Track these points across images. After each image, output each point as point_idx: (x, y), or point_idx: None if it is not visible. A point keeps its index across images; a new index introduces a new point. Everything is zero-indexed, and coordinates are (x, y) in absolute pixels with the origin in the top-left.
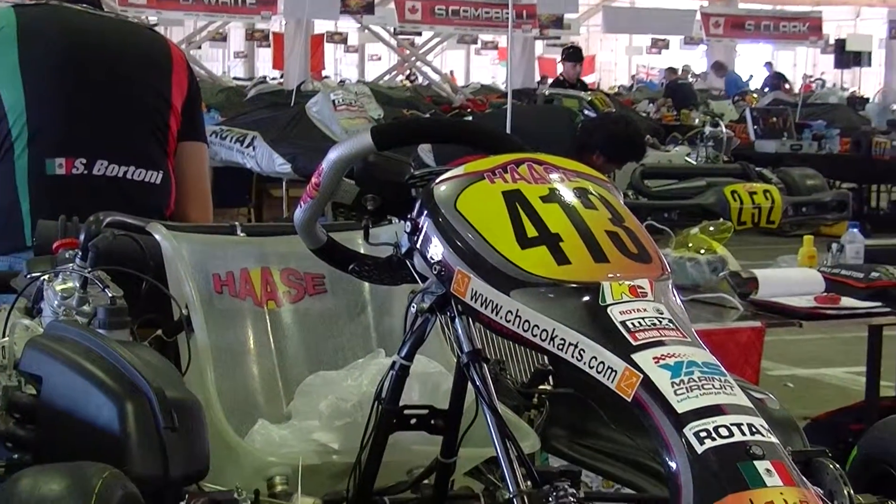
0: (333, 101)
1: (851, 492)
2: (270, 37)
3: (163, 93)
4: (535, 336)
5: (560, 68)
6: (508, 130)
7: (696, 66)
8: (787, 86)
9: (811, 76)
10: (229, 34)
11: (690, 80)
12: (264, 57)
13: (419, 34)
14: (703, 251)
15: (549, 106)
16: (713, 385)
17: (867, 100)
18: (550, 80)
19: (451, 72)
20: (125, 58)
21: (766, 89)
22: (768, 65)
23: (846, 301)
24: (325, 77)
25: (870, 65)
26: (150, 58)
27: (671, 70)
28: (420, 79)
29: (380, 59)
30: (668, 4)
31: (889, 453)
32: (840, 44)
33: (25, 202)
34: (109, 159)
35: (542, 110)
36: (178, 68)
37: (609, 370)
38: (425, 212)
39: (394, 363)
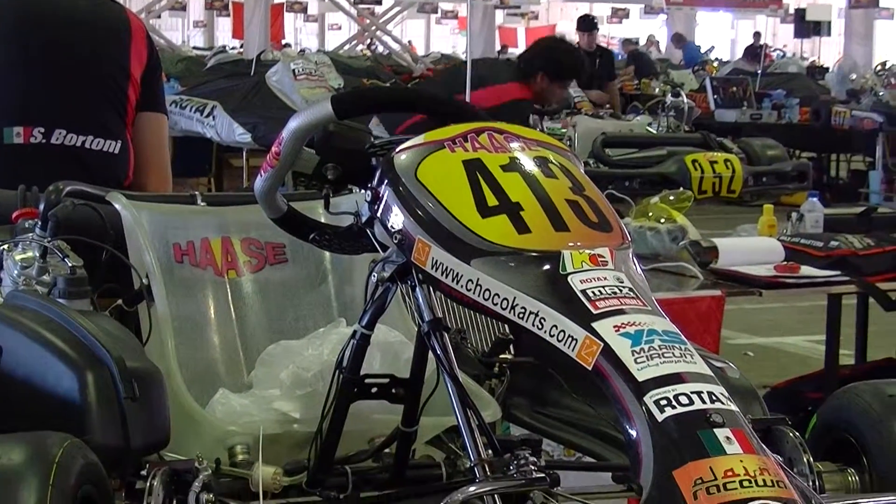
0: (293, 70)
1: (811, 459)
2: (230, 6)
3: (121, 62)
4: (495, 305)
5: (576, 38)
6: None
7: (656, 35)
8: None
9: (771, 46)
10: (189, 3)
11: (652, 50)
12: (224, 26)
13: (379, 3)
14: (663, 220)
15: (496, 59)
16: (673, 353)
17: (827, 69)
18: (511, 50)
19: (411, 41)
20: (83, 27)
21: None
22: (757, 34)
23: (806, 270)
24: (286, 46)
25: (829, 34)
26: (108, 27)
27: (628, 41)
28: (380, 48)
29: (340, 28)
30: None
31: (848, 421)
32: (800, 13)
33: None
34: (67, 128)
35: (490, 62)
36: (138, 38)
37: (569, 339)
38: (386, 181)
39: (355, 332)
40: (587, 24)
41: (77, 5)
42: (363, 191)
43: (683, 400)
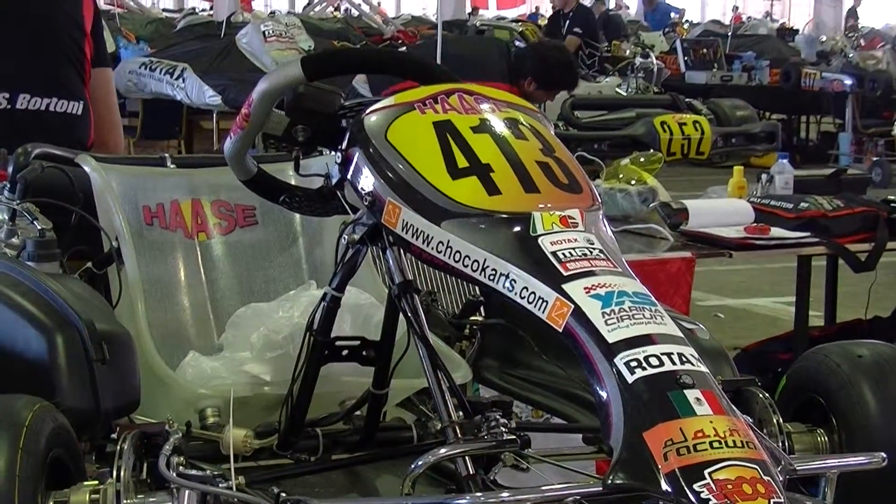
0: (263, 32)
1: (780, 420)
2: None
3: (76, 19)
4: (465, 267)
5: None
6: (444, 60)
7: None
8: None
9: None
10: None
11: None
12: None
13: None
14: (633, 182)
15: (482, 36)
16: (644, 315)
17: (797, 31)
18: (482, 12)
19: (381, 3)
20: None
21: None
22: None
23: (775, 231)
24: (255, 9)
25: None
26: None
27: (599, 2)
28: (351, 11)
29: None
30: None
31: (817, 382)
32: None
33: None
34: (31, 92)
35: (477, 40)
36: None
37: (540, 300)
38: (356, 143)
39: (325, 294)
40: None
41: None
42: (333, 153)
43: (654, 361)
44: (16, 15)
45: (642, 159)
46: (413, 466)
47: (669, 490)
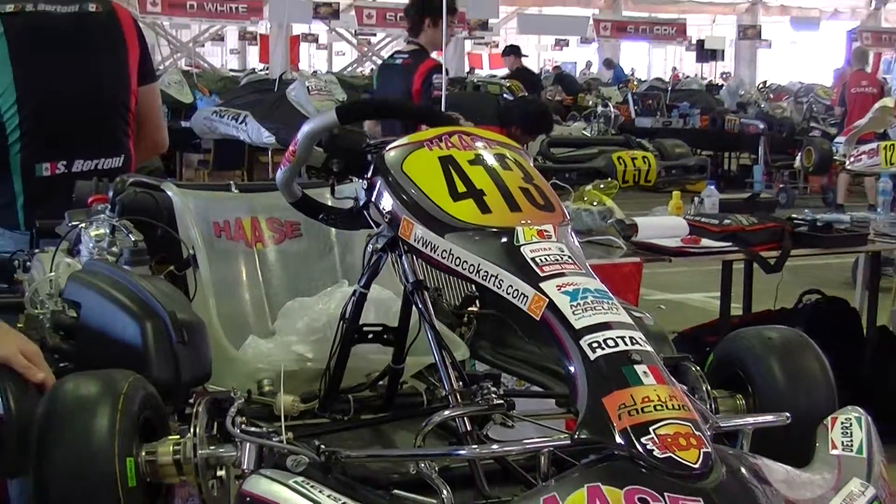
0: (308, 87)
1: (708, 388)
2: (258, 37)
3: (125, 78)
4: (464, 269)
5: (506, 62)
6: (447, 108)
7: (590, 58)
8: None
9: (676, 69)
10: (226, 35)
11: (583, 71)
12: (253, 53)
13: (374, 35)
14: (595, 203)
15: (479, 92)
16: (603, 307)
17: (720, 87)
18: (477, 71)
19: None
20: (94, 59)
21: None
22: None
23: (705, 242)
24: (301, 69)
25: (723, 59)
26: (113, 46)
27: (556, 67)
28: (376, 69)
29: (344, 54)
30: (568, 12)
31: (737, 359)
32: (700, 43)
33: (20, 197)
34: (84, 158)
35: (475, 95)
36: (130, 35)
37: (522, 296)
38: (378, 173)
39: (355, 291)
40: (510, 50)
41: (88, 37)
42: (361, 181)
43: (610, 343)
44: (78, 95)
45: (602, 185)
46: (424, 424)
47: (622, 443)
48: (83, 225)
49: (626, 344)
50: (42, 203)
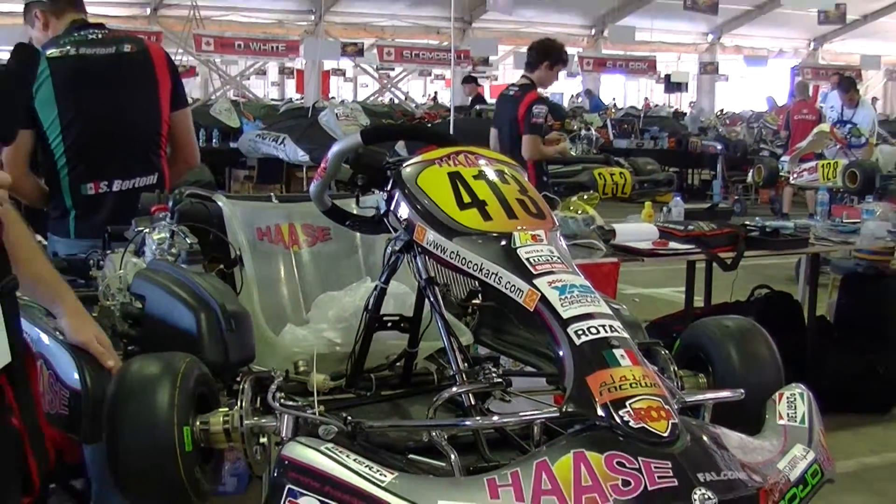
0: (336, 113)
1: (675, 368)
2: (295, 72)
3: (156, 108)
4: (469, 268)
5: (465, 89)
6: (455, 131)
7: (575, 89)
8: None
9: (648, 98)
10: (268, 70)
11: (568, 99)
12: (291, 85)
13: (393, 69)
14: (579, 212)
15: (480, 118)
16: (586, 300)
17: (685, 114)
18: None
19: (408, 92)
20: (128, 93)
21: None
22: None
23: (672, 244)
24: (331, 98)
25: (687, 91)
26: (145, 81)
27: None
28: (393, 99)
29: (367, 86)
30: None
31: (700, 344)
32: (668, 77)
33: (72, 211)
34: (122, 178)
35: (477, 119)
36: (161, 69)
37: (518, 290)
38: (396, 186)
39: (376, 286)
40: (469, 79)
41: (125, 76)
42: (382, 193)
43: (593, 330)
44: (118, 127)
45: (585, 197)
46: (434, 399)
47: (603, 415)
48: (147, 230)
49: (606, 331)
50: (89, 216)
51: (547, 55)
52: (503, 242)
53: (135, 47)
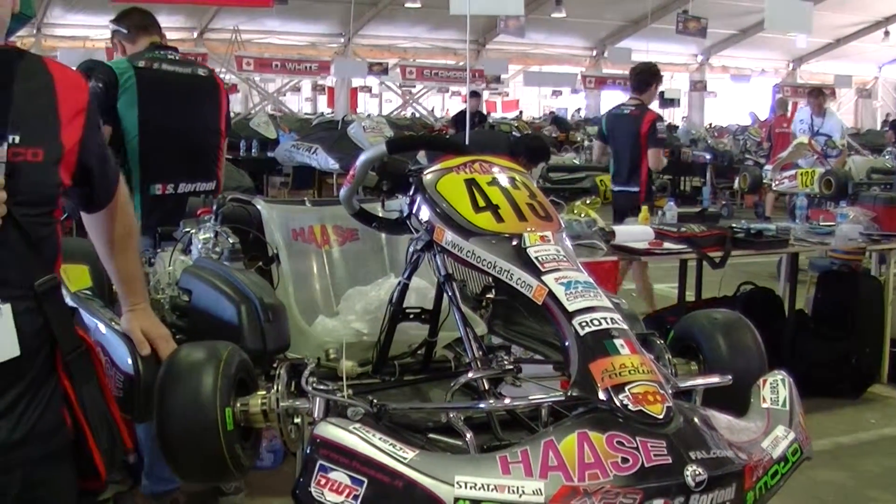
0: (363, 126)
1: (670, 357)
2: (326, 88)
3: (218, 127)
4: (483, 265)
5: (470, 104)
6: (470, 143)
7: (579, 104)
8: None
9: None
10: (302, 87)
11: (573, 113)
12: (322, 100)
13: (414, 86)
14: (583, 215)
15: (494, 130)
16: (589, 294)
17: (677, 127)
18: (492, 114)
19: (433, 108)
20: (198, 109)
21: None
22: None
23: (667, 244)
24: (359, 112)
25: (679, 106)
26: (211, 102)
27: (552, 112)
28: (415, 113)
29: (391, 101)
30: (562, 70)
31: (691, 334)
32: (661, 93)
33: (139, 209)
34: (186, 181)
35: (491, 132)
36: (223, 96)
37: (528, 286)
38: (418, 191)
39: (400, 281)
40: (472, 94)
41: (196, 95)
42: (405, 197)
43: (596, 322)
44: (186, 135)
45: (588, 202)
46: (452, 384)
47: (605, 399)
48: (193, 231)
49: (607, 323)
50: (153, 214)
51: (655, 77)
52: (514, 242)
53: (206, 73)
